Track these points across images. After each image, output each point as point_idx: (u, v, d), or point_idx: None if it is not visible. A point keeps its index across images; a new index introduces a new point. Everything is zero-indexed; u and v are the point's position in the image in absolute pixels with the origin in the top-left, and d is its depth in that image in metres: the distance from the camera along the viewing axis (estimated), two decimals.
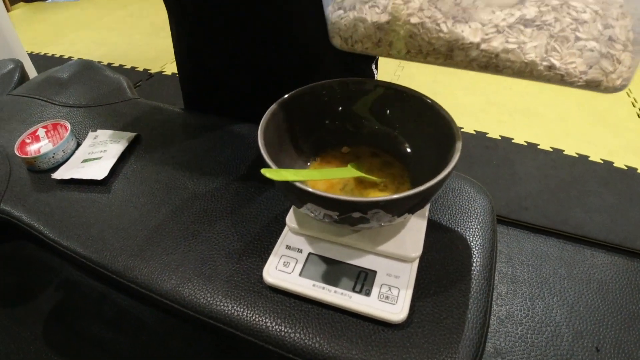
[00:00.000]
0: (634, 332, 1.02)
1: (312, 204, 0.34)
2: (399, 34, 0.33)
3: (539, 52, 0.30)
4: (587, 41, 0.29)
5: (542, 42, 0.30)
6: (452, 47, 0.32)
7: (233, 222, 0.48)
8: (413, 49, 0.34)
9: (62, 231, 0.50)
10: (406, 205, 0.34)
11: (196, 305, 0.40)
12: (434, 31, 0.31)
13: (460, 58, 0.32)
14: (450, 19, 0.31)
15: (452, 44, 0.31)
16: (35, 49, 2.15)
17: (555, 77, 0.31)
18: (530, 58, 0.30)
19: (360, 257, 0.40)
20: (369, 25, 0.33)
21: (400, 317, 0.36)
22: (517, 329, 1.03)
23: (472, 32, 0.30)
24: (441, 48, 0.32)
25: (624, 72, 0.30)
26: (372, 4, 0.33)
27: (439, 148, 0.39)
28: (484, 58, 0.32)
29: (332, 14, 0.36)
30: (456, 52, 0.32)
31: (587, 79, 0.30)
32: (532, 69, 0.31)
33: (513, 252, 1.20)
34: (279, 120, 0.41)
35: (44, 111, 0.71)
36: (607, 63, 0.29)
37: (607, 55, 0.29)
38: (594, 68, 0.30)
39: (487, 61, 0.32)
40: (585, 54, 0.29)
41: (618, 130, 1.57)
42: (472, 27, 0.30)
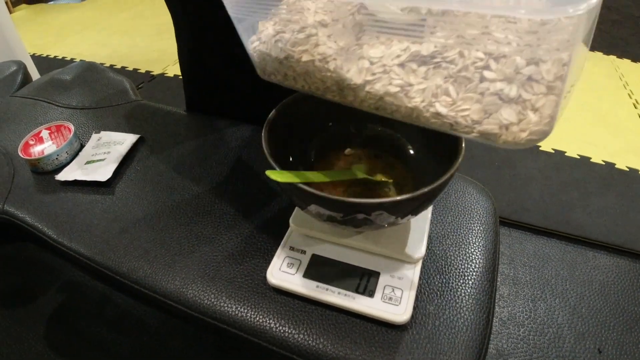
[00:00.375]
0: (637, 333, 1.02)
1: (316, 205, 0.34)
2: (296, 70, 0.31)
3: (426, 96, 0.26)
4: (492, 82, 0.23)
5: (432, 84, 0.25)
6: (342, 86, 0.29)
7: (236, 223, 0.48)
8: (312, 86, 0.32)
9: (65, 232, 0.50)
10: (409, 207, 0.34)
11: (200, 306, 0.40)
12: (323, 69, 0.29)
13: (351, 98, 0.30)
14: (343, 55, 0.28)
15: (340, 83, 0.29)
16: (38, 51, 2.15)
17: (443, 125, 0.27)
18: (414, 103, 0.26)
19: (364, 259, 0.40)
20: (273, 59, 0.32)
21: (403, 318, 0.36)
22: (519, 330, 1.03)
23: (356, 72, 0.27)
24: (333, 87, 0.30)
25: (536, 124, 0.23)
26: (277, 38, 0.31)
27: (441, 150, 0.39)
28: (371, 100, 0.29)
29: (250, 45, 0.34)
30: (346, 92, 0.30)
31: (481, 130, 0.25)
32: (418, 114, 0.27)
33: (515, 253, 1.20)
34: (282, 122, 0.42)
35: (48, 113, 0.72)
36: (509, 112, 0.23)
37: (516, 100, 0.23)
38: (491, 117, 0.24)
39: (375, 103, 0.29)
40: (485, 98, 0.24)
41: (620, 131, 1.57)
42: (359, 67, 0.27)
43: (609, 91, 1.79)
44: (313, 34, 0.29)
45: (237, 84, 0.67)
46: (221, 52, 0.64)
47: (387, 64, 0.27)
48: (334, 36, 0.28)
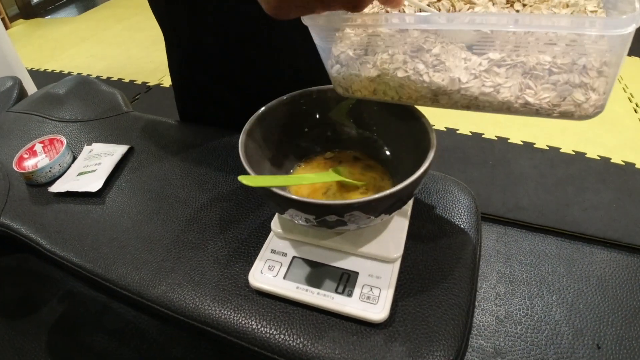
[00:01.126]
0: (635, 328, 1.02)
1: (292, 209, 0.36)
2: (389, 85, 0.36)
3: (513, 92, 0.32)
4: (560, 74, 0.30)
5: (515, 81, 0.32)
6: (437, 93, 0.35)
7: (221, 229, 0.49)
8: (404, 96, 0.37)
9: (58, 242, 0.52)
10: (382, 206, 0.35)
11: (185, 310, 0.41)
12: (418, 82, 0.34)
13: (445, 101, 0.35)
14: (431, 68, 0.33)
15: (435, 91, 0.34)
16: (35, 65, 2.19)
17: (530, 111, 0.33)
18: (505, 98, 0.32)
19: (343, 259, 0.41)
20: (363, 79, 0.37)
21: (381, 316, 0.37)
22: (517, 328, 1.03)
23: (450, 80, 0.33)
24: (427, 95, 0.35)
25: (597, 100, 0.31)
26: (362, 61, 0.36)
27: (416, 150, 0.40)
28: (465, 101, 0.34)
29: (331, 68, 0.39)
30: (441, 97, 0.35)
31: (561, 111, 0.32)
32: (509, 106, 0.33)
33: (511, 251, 1.21)
34: (260, 130, 0.43)
35: (41, 127, 0.74)
36: (579, 94, 0.31)
37: (580, 85, 0.30)
38: (566, 100, 0.31)
39: (469, 102, 0.34)
40: (558, 87, 0.31)
41: (615, 126, 1.57)
42: (451, 76, 0.33)
43: None
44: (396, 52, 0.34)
45: (227, 97, 0.69)
46: (211, 67, 0.66)
47: (475, 70, 0.32)
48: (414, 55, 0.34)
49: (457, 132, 1.59)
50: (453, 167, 1.45)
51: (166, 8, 0.62)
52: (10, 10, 3.04)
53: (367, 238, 0.42)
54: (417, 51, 0.33)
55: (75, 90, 0.82)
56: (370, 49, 0.35)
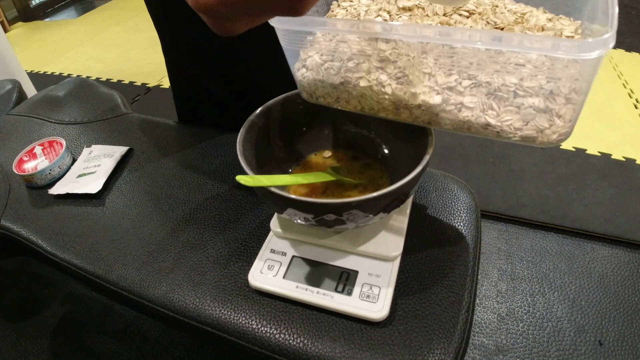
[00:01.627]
0: (637, 324, 1.02)
1: (290, 209, 0.36)
2: (351, 94, 0.36)
3: (475, 112, 0.31)
4: (525, 98, 0.30)
5: (478, 101, 0.31)
6: (398, 106, 0.34)
7: (221, 229, 0.49)
8: (366, 106, 0.37)
9: (58, 244, 0.52)
10: (380, 205, 0.35)
11: (185, 310, 0.41)
12: (380, 93, 0.34)
13: (405, 115, 0.35)
14: (394, 80, 0.33)
15: (396, 104, 0.34)
16: (35, 68, 2.19)
17: (491, 133, 0.32)
18: (466, 117, 0.32)
19: (343, 258, 0.41)
20: (326, 85, 0.36)
21: (380, 315, 0.37)
22: (518, 325, 1.03)
23: (411, 94, 0.33)
24: (389, 107, 0.35)
25: (562, 127, 0.30)
26: (327, 66, 0.35)
27: (414, 148, 0.40)
28: (425, 116, 0.34)
29: (297, 71, 0.38)
30: (402, 111, 0.35)
31: (522, 135, 0.31)
32: (469, 126, 0.33)
33: (512, 249, 1.20)
34: (257, 130, 0.43)
35: (41, 129, 0.74)
36: (542, 119, 0.30)
37: (545, 110, 0.29)
38: (529, 124, 0.30)
39: (430, 119, 0.34)
40: (521, 110, 0.30)
41: (615, 122, 1.57)
42: (412, 91, 0.33)
43: (604, 81, 1.79)
44: (362, 61, 0.34)
45: (225, 96, 0.69)
46: (207, 67, 0.66)
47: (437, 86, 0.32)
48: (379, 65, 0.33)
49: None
50: (453, 164, 1.44)
51: (161, 7, 0.62)
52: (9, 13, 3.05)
53: (367, 237, 0.42)
54: (382, 62, 0.33)
55: (74, 93, 0.82)
56: (336, 56, 0.35)
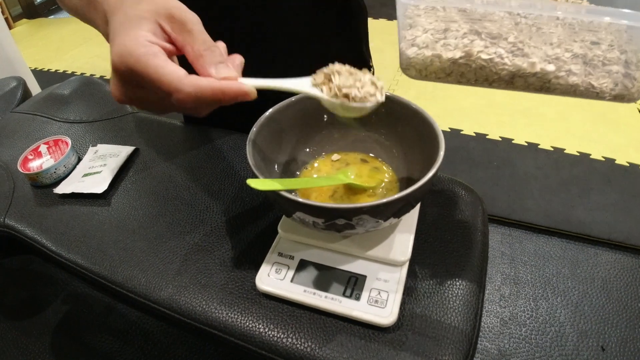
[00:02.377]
0: None
1: (300, 212, 0.35)
2: (470, 67, 0.39)
3: (580, 77, 0.37)
4: (611, 65, 0.37)
5: (581, 68, 0.37)
6: (514, 75, 0.38)
7: (228, 231, 0.49)
8: (481, 78, 0.40)
9: (63, 244, 0.52)
10: (390, 210, 0.35)
11: (192, 313, 0.41)
12: (500, 64, 0.38)
13: (519, 84, 0.39)
14: (511, 53, 0.38)
15: (514, 73, 0.38)
16: (39, 66, 2.19)
17: (592, 94, 0.38)
18: (574, 81, 0.37)
19: (351, 263, 0.41)
20: (444, 60, 0.39)
21: (389, 320, 0.37)
22: (521, 330, 1.03)
23: (530, 64, 0.37)
24: (505, 77, 0.39)
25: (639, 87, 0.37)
26: (444, 43, 0.39)
27: (424, 153, 0.40)
28: (538, 83, 0.38)
29: (407, 49, 0.40)
30: (517, 79, 0.39)
31: (615, 94, 0.37)
32: (575, 89, 0.38)
33: (515, 253, 1.20)
34: (267, 132, 0.43)
35: (46, 128, 0.73)
36: (627, 81, 0.37)
37: (626, 75, 0.37)
38: (619, 85, 0.37)
39: (542, 85, 0.38)
40: (611, 75, 0.37)
41: (619, 127, 1.57)
42: (530, 60, 0.37)
43: None
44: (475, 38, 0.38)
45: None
46: None
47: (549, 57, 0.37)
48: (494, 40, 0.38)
49: (461, 133, 1.59)
50: (457, 168, 1.44)
51: None
52: (13, 10, 3.05)
53: (375, 241, 0.42)
54: (494, 38, 0.38)
55: (79, 91, 0.82)
56: (450, 34, 0.39)
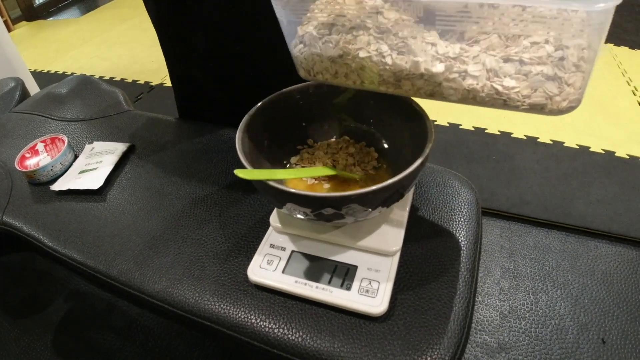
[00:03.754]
0: None
1: (289, 203, 0.36)
2: (350, 67, 0.35)
3: (480, 80, 0.31)
4: (532, 65, 0.29)
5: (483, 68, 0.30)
6: (399, 77, 0.34)
7: (221, 224, 0.49)
8: (366, 80, 0.36)
9: (60, 239, 0.52)
10: (378, 199, 0.35)
11: (185, 305, 0.41)
12: (380, 64, 0.33)
13: (407, 87, 0.34)
14: (395, 51, 0.32)
15: (398, 75, 0.33)
16: (39, 67, 2.20)
17: (497, 102, 0.31)
18: (471, 86, 0.31)
19: (342, 253, 0.41)
20: (324, 59, 0.36)
21: (379, 309, 0.37)
22: (521, 323, 1.02)
23: (413, 63, 0.32)
24: (389, 79, 0.34)
25: (571, 94, 0.29)
26: (325, 40, 0.35)
27: (414, 142, 0.40)
28: (428, 87, 0.33)
29: (294, 47, 0.38)
30: (403, 82, 0.34)
31: (530, 103, 0.30)
32: (475, 95, 0.32)
33: (515, 246, 1.20)
34: (257, 125, 0.43)
35: (43, 126, 0.74)
36: (552, 86, 0.29)
37: (553, 78, 0.29)
38: (538, 92, 0.30)
39: (432, 89, 0.33)
40: (529, 78, 0.29)
41: (619, 120, 1.56)
42: (414, 59, 0.32)
43: (607, 79, 1.78)
44: (361, 34, 0.33)
45: (223, 93, 0.69)
46: (204, 64, 0.66)
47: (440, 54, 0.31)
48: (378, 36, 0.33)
49: (459, 127, 1.58)
50: (456, 162, 1.44)
51: (154, 6, 0.62)
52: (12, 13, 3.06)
53: (366, 231, 0.42)
54: (382, 33, 0.32)
55: (76, 90, 0.83)
56: (335, 29, 0.35)
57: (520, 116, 1.59)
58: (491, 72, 0.30)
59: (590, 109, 1.62)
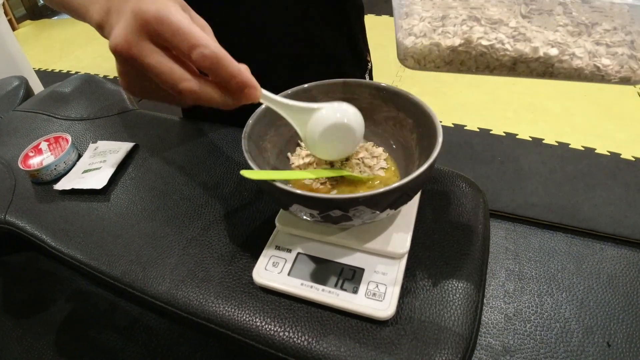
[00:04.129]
0: None
1: (295, 205, 0.35)
2: (470, 54, 0.38)
3: (584, 60, 0.36)
4: (617, 47, 0.36)
5: (584, 51, 0.36)
6: (516, 61, 0.38)
7: (226, 225, 0.49)
8: (481, 65, 0.39)
9: (63, 240, 0.52)
10: (387, 201, 0.34)
11: (189, 307, 0.41)
12: (501, 50, 0.37)
13: (522, 69, 0.38)
14: (511, 39, 0.37)
15: (516, 59, 0.37)
16: (43, 66, 2.20)
17: (597, 77, 0.37)
18: (579, 65, 0.36)
19: (349, 255, 0.41)
20: (443, 49, 0.38)
21: (387, 313, 0.36)
22: (526, 326, 1.02)
23: (532, 49, 0.36)
24: (507, 63, 0.38)
25: None
26: (441, 31, 0.38)
27: (422, 142, 0.40)
28: (541, 68, 0.37)
29: (404, 39, 0.40)
30: (519, 65, 0.38)
31: (621, 76, 0.36)
32: (580, 73, 0.37)
33: (520, 248, 1.19)
34: (263, 124, 0.42)
35: (47, 125, 0.74)
36: (633, 62, 0.36)
37: (631, 56, 0.36)
38: (625, 67, 0.36)
39: (545, 70, 0.38)
40: (617, 57, 0.36)
41: (624, 121, 1.55)
42: (532, 45, 0.36)
43: None
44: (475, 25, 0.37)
45: None
46: None
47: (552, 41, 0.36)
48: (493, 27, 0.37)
49: (465, 129, 1.58)
50: (462, 163, 1.43)
51: None
52: (17, 12, 3.07)
53: (373, 234, 0.41)
54: (495, 24, 0.37)
55: (80, 89, 0.82)
56: (448, 22, 0.38)
57: (525, 117, 1.58)
58: (590, 54, 0.36)
59: (595, 110, 1.61)
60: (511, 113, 1.64)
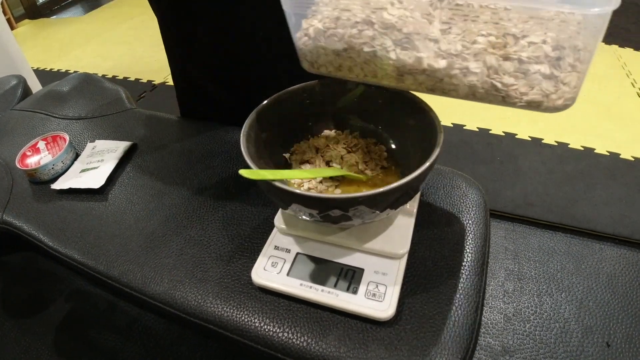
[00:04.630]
0: None
1: (295, 204, 0.35)
2: (355, 61, 0.36)
3: (480, 76, 0.32)
4: (530, 64, 0.30)
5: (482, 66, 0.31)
6: (402, 72, 0.34)
7: (224, 225, 0.48)
8: (369, 73, 0.37)
9: (60, 239, 0.51)
10: (387, 201, 0.34)
11: (187, 307, 0.40)
12: (384, 58, 0.34)
13: (409, 82, 0.35)
14: (399, 46, 0.33)
15: (400, 69, 0.34)
16: (42, 65, 2.19)
17: (496, 98, 0.32)
18: (471, 82, 0.32)
19: (348, 256, 0.41)
20: (329, 52, 0.37)
21: (387, 314, 0.36)
22: (525, 326, 1.01)
23: (416, 59, 0.33)
24: (392, 73, 0.35)
25: (567, 93, 0.30)
26: (330, 34, 0.36)
27: (422, 143, 0.39)
28: (430, 82, 0.34)
29: (299, 40, 0.39)
30: (406, 77, 0.35)
31: (528, 100, 0.31)
32: (474, 91, 0.32)
33: (519, 248, 1.19)
34: (262, 124, 0.42)
35: (45, 124, 0.73)
36: (549, 84, 0.30)
37: (549, 77, 0.30)
38: (535, 89, 0.31)
39: (433, 85, 0.34)
40: (528, 76, 0.31)
41: (624, 121, 1.55)
42: (418, 55, 0.33)
43: (612, 81, 1.77)
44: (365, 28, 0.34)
45: (226, 92, 0.68)
46: (207, 63, 0.65)
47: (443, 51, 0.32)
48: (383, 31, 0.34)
49: (464, 128, 1.57)
50: (461, 163, 1.43)
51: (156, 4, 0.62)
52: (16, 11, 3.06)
53: (373, 234, 0.41)
54: (387, 29, 0.33)
55: (78, 88, 0.82)
56: (340, 23, 0.35)
57: (524, 117, 1.58)
58: (491, 70, 0.31)
59: (595, 110, 1.60)
60: (510, 112, 1.63)
